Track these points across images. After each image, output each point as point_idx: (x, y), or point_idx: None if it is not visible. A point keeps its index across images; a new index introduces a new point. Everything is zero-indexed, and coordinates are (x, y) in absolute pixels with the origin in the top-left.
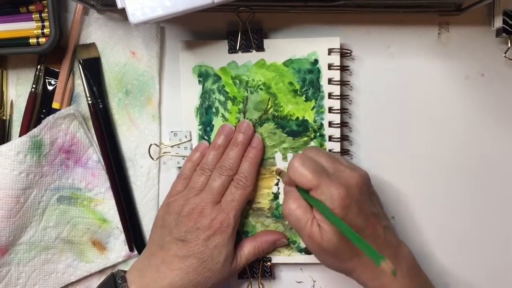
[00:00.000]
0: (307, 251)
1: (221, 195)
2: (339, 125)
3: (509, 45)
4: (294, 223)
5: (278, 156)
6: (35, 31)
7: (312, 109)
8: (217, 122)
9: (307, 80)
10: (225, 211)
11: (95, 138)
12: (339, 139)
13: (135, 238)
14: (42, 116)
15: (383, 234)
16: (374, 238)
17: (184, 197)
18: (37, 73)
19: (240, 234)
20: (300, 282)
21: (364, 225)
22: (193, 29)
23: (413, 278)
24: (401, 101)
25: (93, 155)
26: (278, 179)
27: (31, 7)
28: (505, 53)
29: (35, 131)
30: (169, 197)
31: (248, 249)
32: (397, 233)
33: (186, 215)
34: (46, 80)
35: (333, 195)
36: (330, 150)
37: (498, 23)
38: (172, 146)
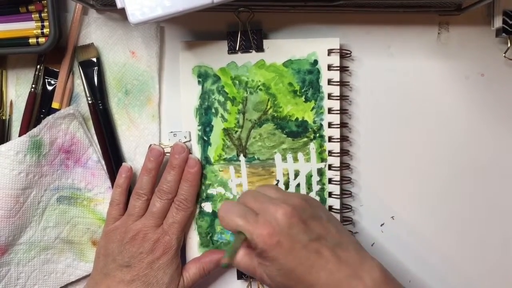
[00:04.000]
0: None
1: (162, 219)
2: (338, 126)
3: (509, 45)
4: (245, 271)
5: (278, 157)
6: (34, 31)
7: (312, 109)
8: (217, 122)
9: (307, 80)
10: (168, 234)
11: (95, 138)
12: (339, 140)
13: None
14: (41, 116)
15: (334, 256)
16: (323, 264)
17: (124, 224)
18: (37, 73)
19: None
20: None
21: (306, 254)
22: (193, 29)
23: None
24: (401, 101)
25: (93, 155)
26: (278, 180)
27: (31, 7)
28: (505, 53)
29: (34, 131)
30: (107, 225)
31: (193, 270)
32: (359, 246)
33: (129, 241)
34: (46, 80)
35: (260, 236)
36: (330, 151)
37: (498, 23)
38: (172, 147)
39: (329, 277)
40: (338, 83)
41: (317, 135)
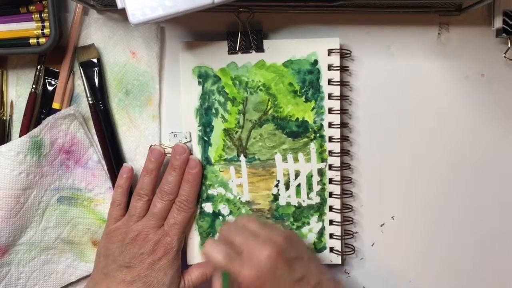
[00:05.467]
0: None
1: (163, 220)
2: (339, 126)
3: (509, 45)
4: None
5: (278, 157)
6: (35, 31)
7: (312, 109)
8: (217, 123)
9: (307, 80)
10: (169, 235)
11: (95, 138)
12: (339, 140)
13: None
14: (42, 116)
15: None
16: None
17: (126, 224)
18: (37, 73)
19: None
20: None
21: None
22: (193, 30)
23: None
24: (401, 101)
25: (93, 155)
26: (278, 181)
27: (31, 7)
28: (505, 53)
29: (35, 131)
30: (108, 226)
31: (196, 275)
32: (335, 282)
33: (130, 242)
34: (46, 81)
35: (246, 277)
36: (330, 151)
37: (498, 23)
38: (172, 147)
39: None
40: (338, 83)
41: (318, 135)
